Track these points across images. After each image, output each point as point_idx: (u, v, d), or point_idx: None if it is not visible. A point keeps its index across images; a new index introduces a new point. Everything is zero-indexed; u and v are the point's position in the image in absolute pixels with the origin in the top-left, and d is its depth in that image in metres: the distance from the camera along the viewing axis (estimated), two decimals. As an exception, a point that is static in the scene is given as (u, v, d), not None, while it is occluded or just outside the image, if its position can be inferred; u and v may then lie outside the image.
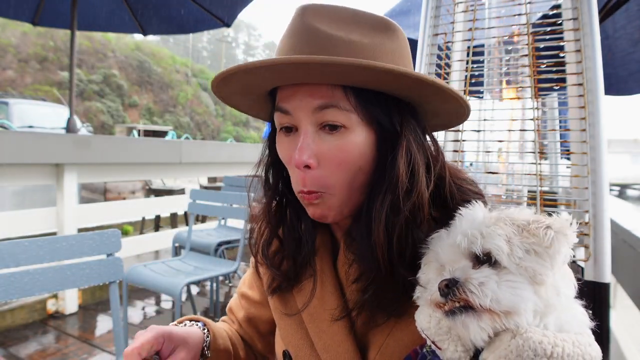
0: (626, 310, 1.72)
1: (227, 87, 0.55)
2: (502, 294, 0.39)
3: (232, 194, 2.66)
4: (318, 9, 0.54)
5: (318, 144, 0.53)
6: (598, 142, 1.05)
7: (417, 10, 1.90)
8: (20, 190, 4.71)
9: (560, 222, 0.43)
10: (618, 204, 2.38)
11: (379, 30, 0.54)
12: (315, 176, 0.53)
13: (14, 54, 17.45)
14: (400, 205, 0.51)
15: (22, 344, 2.43)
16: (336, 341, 0.57)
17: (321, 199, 0.54)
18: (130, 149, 3.38)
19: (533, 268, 0.40)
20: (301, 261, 0.62)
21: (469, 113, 0.57)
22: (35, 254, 1.19)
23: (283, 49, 0.54)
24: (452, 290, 0.41)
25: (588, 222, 1.04)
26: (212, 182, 6.37)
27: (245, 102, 0.62)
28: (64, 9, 3.98)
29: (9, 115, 7.31)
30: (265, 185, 0.64)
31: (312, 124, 0.53)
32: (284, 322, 0.64)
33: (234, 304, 0.79)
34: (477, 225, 0.44)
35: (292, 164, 0.54)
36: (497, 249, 0.41)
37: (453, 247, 0.44)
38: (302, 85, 0.52)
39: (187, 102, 24.43)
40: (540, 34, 1.19)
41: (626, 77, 2.53)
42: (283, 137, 0.57)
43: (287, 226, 0.63)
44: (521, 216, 0.45)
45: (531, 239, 0.42)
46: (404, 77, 0.48)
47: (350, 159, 0.53)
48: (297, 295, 0.63)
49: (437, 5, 1.36)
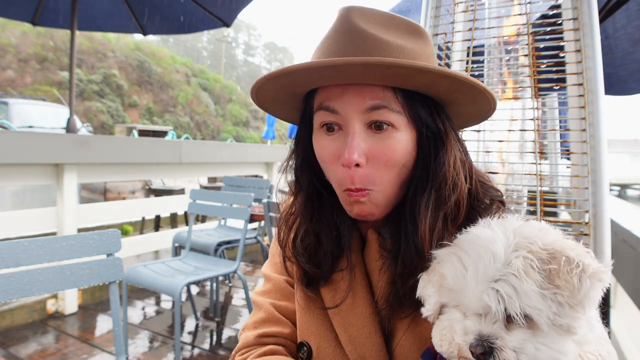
0: (626, 310, 1.72)
1: (271, 85, 0.55)
2: (542, 357, 0.37)
3: (232, 194, 2.66)
4: (363, 11, 0.55)
5: (367, 143, 0.54)
6: (598, 142, 1.05)
7: (417, 10, 1.90)
8: (20, 190, 4.71)
9: (594, 265, 0.39)
10: (618, 204, 2.38)
11: (417, 36, 0.57)
12: (364, 174, 0.54)
13: (13, 54, 17.44)
14: (445, 201, 0.54)
15: (22, 344, 2.43)
16: (364, 334, 0.58)
17: (368, 197, 0.55)
18: (130, 149, 3.38)
19: (568, 324, 0.37)
20: (337, 256, 0.62)
21: (492, 114, 0.59)
22: (35, 254, 1.19)
23: (330, 48, 0.55)
24: (487, 358, 0.38)
25: (588, 222, 1.04)
26: (212, 182, 6.37)
27: (280, 109, 0.64)
28: (64, 9, 3.98)
29: (9, 115, 7.30)
30: (298, 183, 0.65)
31: (361, 123, 0.54)
32: (307, 315, 0.64)
33: (274, 325, 0.68)
34: (502, 271, 0.39)
35: (335, 162, 0.56)
36: (538, 314, 0.37)
37: (478, 301, 0.39)
38: (351, 86, 0.53)
39: (187, 102, 24.42)
40: (540, 34, 1.19)
41: (626, 77, 2.53)
42: (324, 136, 0.57)
43: (324, 223, 0.63)
44: (545, 245, 0.40)
45: (564, 290, 0.37)
46: (458, 82, 0.50)
47: (397, 157, 0.54)
48: (325, 289, 0.63)
49: (437, 5, 1.36)
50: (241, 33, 60.19)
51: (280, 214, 0.68)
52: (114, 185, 6.01)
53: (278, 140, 21.43)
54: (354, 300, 0.60)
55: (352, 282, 0.61)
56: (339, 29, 0.55)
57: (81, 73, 19.14)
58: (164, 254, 4.19)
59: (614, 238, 1.08)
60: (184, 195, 4.53)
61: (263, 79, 0.54)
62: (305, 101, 0.61)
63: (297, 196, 0.65)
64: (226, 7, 4.09)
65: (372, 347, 0.57)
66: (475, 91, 0.53)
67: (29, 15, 4.10)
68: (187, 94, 24.69)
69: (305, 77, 0.53)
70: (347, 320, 0.60)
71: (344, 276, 0.61)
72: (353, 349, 0.58)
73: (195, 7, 4.07)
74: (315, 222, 0.63)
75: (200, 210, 2.75)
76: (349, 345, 0.59)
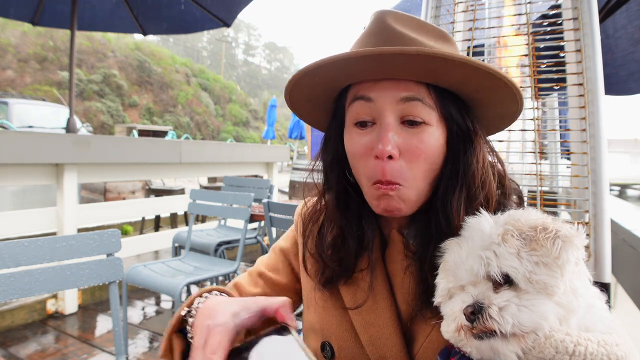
0: (626, 310, 1.72)
1: (308, 79, 0.56)
2: (524, 317, 0.40)
3: (232, 194, 2.66)
4: (397, 15, 0.57)
5: (401, 137, 0.54)
6: (598, 142, 1.05)
7: (417, 11, 1.90)
8: (20, 190, 4.70)
9: (567, 230, 0.43)
10: (618, 204, 2.38)
11: (447, 41, 0.59)
12: (396, 167, 0.54)
13: (13, 54, 17.44)
14: (476, 199, 0.56)
15: (22, 344, 2.43)
16: (384, 334, 0.58)
17: (396, 192, 0.55)
18: (130, 149, 3.38)
19: (544, 281, 0.41)
20: (359, 255, 0.63)
21: (518, 115, 0.61)
22: (35, 254, 1.19)
23: (366, 45, 0.56)
24: (477, 316, 0.42)
25: (588, 222, 1.04)
26: (212, 182, 6.37)
27: (311, 109, 0.65)
28: (63, 9, 3.98)
29: (9, 115, 7.29)
30: (327, 181, 0.66)
31: (394, 115, 0.55)
32: (327, 315, 0.64)
33: (245, 281, 0.76)
34: (488, 242, 0.44)
35: (367, 155, 0.56)
36: (514, 272, 0.42)
37: (470, 271, 0.45)
38: (385, 80, 0.54)
39: (187, 102, 24.41)
40: (540, 34, 1.19)
41: (626, 77, 2.53)
42: (357, 130, 0.58)
43: (349, 222, 0.63)
44: (528, 221, 0.45)
45: (539, 250, 0.42)
46: (491, 77, 0.51)
47: (430, 152, 0.55)
48: (345, 288, 0.63)
49: (437, 5, 1.36)
50: (241, 33, 60.22)
51: (307, 211, 0.70)
52: (114, 185, 6.00)
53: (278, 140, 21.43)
54: (375, 300, 0.60)
55: (373, 282, 0.61)
56: (375, 30, 0.56)
57: (81, 73, 19.13)
58: (164, 254, 4.19)
59: (614, 238, 1.08)
60: (184, 195, 4.53)
61: (301, 73, 0.55)
62: (338, 100, 0.62)
63: (325, 194, 0.66)
64: (226, 7, 4.09)
65: (393, 348, 0.57)
66: (506, 89, 0.53)
67: (29, 15, 4.10)
68: (187, 94, 24.68)
69: (343, 68, 0.53)
70: (368, 320, 0.60)
71: (364, 276, 0.62)
72: (374, 349, 0.58)
73: (195, 7, 4.07)
74: (342, 220, 0.63)
75: (200, 210, 2.75)
76: (370, 346, 0.59)
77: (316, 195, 0.69)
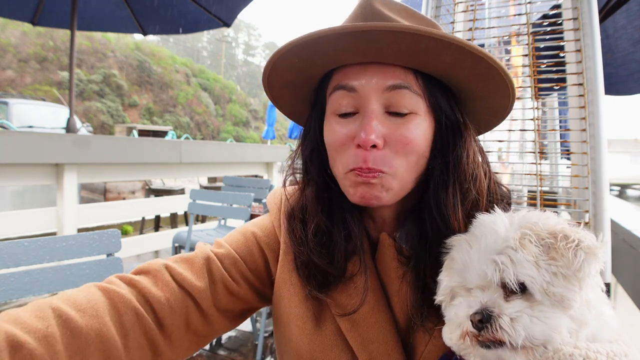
0: (626, 310, 1.72)
1: (286, 62, 0.52)
2: (536, 329, 0.38)
3: (232, 194, 2.66)
4: (385, 0, 0.54)
5: (386, 125, 0.51)
6: (598, 142, 1.05)
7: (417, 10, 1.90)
8: (20, 190, 4.70)
9: (590, 240, 0.40)
10: (618, 204, 2.38)
11: (436, 28, 0.54)
12: (380, 156, 0.50)
13: (13, 54, 17.44)
14: (470, 195, 0.53)
15: (22, 344, 2.42)
16: (385, 351, 0.53)
17: (379, 179, 0.51)
18: (130, 149, 3.38)
19: (561, 294, 0.38)
20: (349, 258, 0.57)
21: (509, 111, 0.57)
22: (35, 254, 1.19)
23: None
24: (485, 325, 0.39)
25: (588, 222, 1.04)
26: (212, 182, 6.37)
27: (291, 99, 0.61)
28: (63, 9, 3.98)
29: (9, 115, 7.29)
30: (307, 174, 0.61)
31: (379, 104, 0.51)
32: (316, 336, 0.56)
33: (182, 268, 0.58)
34: (503, 245, 0.41)
35: (347, 144, 0.52)
36: (531, 282, 0.39)
37: (481, 275, 0.42)
38: (372, 65, 0.51)
39: (187, 102, 24.42)
40: (540, 34, 1.19)
41: (626, 77, 2.53)
42: (338, 120, 0.53)
43: (334, 219, 0.58)
44: (546, 226, 0.42)
45: (560, 261, 0.39)
46: (483, 63, 0.48)
47: (417, 143, 0.51)
48: (338, 292, 0.56)
49: (437, 5, 1.36)
50: (241, 33, 60.23)
51: (290, 205, 0.63)
52: (114, 185, 6.00)
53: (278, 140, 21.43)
54: (372, 313, 0.55)
55: (367, 285, 0.55)
56: (361, 13, 0.52)
57: (81, 73, 19.14)
58: (164, 254, 4.19)
59: (614, 238, 1.09)
60: (184, 195, 4.53)
61: (279, 52, 0.50)
62: (318, 89, 0.58)
63: (305, 188, 0.61)
64: (226, 7, 4.09)
65: None
66: (497, 78, 0.50)
67: (29, 15, 4.10)
68: (187, 94, 24.69)
69: (324, 47, 0.49)
70: (366, 336, 0.54)
71: (357, 279, 0.56)
72: None
73: (195, 7, 4.07)
74: (325, 216, 0.58)
75: (200, 210, 2.75)
76: None
77: (298, 190, 0.63)
